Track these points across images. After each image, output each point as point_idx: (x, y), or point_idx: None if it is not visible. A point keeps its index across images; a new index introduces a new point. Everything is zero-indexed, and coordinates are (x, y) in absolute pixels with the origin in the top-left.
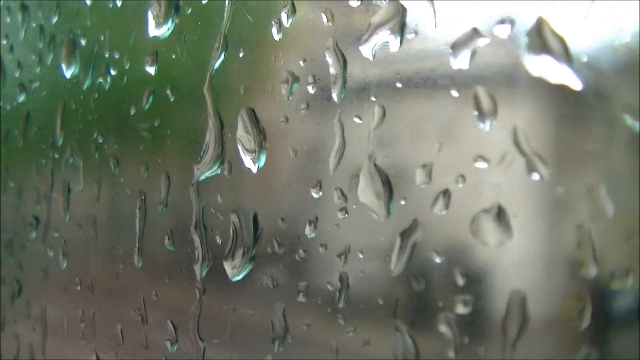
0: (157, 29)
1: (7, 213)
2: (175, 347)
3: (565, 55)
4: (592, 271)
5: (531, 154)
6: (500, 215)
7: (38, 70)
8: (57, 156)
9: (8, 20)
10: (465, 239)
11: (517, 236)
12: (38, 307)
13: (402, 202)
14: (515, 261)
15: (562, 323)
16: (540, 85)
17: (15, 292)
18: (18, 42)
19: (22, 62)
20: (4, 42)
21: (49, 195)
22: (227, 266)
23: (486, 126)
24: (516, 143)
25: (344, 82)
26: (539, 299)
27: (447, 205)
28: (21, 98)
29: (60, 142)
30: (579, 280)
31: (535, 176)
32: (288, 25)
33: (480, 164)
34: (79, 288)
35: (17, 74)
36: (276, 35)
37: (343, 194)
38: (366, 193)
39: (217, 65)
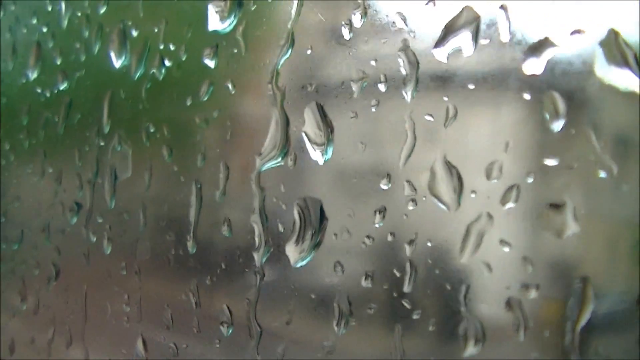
0: (220, 23)
1: (44, 198)
2: (230, 331)
3: (636, 66)
4: None
5: (600, 153)
6: (567, 209)
7: (83, 58)
8: (102, 144)
9: (49, 8)
10: (534, 230)
11: (584, 229)
12: (78, 291)
13: (472, 195)
14: (581, 252)
15: (624, 311)
16: (610, 91)
17: (52, 276)
18: (60, 30)
19: (64, 50)
20: (44, 29)
21: (93, 181)
22: (290, 253)
23: (556, 127)
24: (584, 143)
25: (416, 82)
26: (602, 286)
27: (516, 199)
28: (63, 86)
29: (107, 129)
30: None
31: (603, 174)
32: (359, 26)
33: (550, 161)
34: (124, 273)
35: (58, 62)
36: (347, 35)
37: (412, 186)
38: (436, 186)
39: (282, 61)
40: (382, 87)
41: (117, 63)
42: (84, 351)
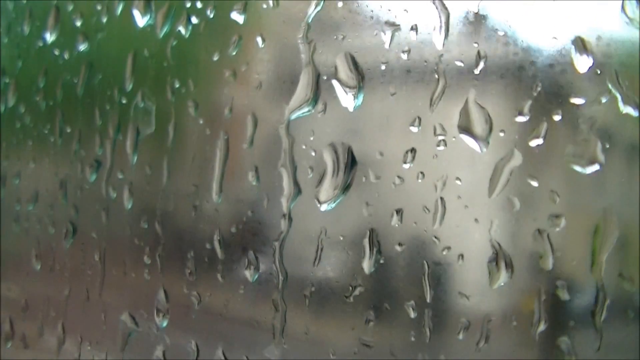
0: None
1: (62, 158)
2: (256, 276)
3: None
4: None
5: (624, 91)
6: (593, 144)
7: (105, 20)
8: (124, 101)
9: None
10: (561, 165)
11: (607, 164)
12: (96, 248)
13: (501, 134)
14: (606, 184)
15: None
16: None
17: (70, 234)
18: None
19: (85, 13)
20: None
21: (114, 138)
22: (319, 196)
23: (583, 69)
24: (608, 82)
25: (447, 31)
26: (626, 216)
27: (544, 137)
28: (83, 47)
29: (129, 87)
30: None
31: (627, 110)
32: None
33: (577, 100)
34: (146, 226)
35: (78, 24)
36: None
37: (443, 128)
38: (466, 126)
39: (313, 14)
40: (412, 36)
41: (141, 22)
42: (101, 306)
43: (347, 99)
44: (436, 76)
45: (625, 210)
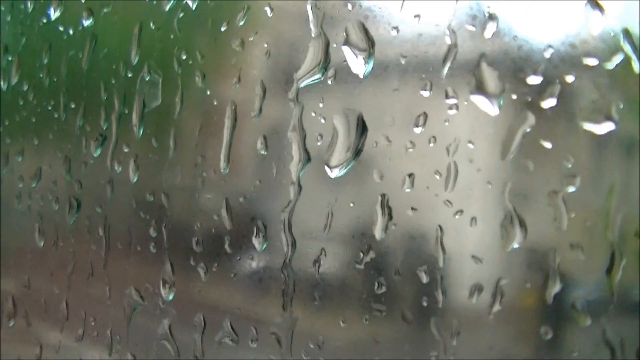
0: None
1: (66, 133)
2: (265, 245)
3: None
4: None
5: (638, 52)
6: (607, 106)
7: None
8: (130, 75)
9: None
10: (575, 127)
11: (622, 124)
12: (100, 222)
13: (513, 97)
14: (619, 145)
15: None
16: None
17: (73, 210)
18: None
19: None
20: None
21: (120, 112)
22: (329, 162)
23: (595, 31)
24: (622, 43)
25: None
26: None
27: (557, 99)
28: (87, 22)
29: (135, 61)
30: None
31: None
32: None
33: (590, 61)
34: (151, 199)
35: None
36: None
37: (454, 92)
38: (478, 90)
39: None
40: (422, 2)
41: None
42: (106, 281)
43: (357, 65)
44: (447, 40)
45: None
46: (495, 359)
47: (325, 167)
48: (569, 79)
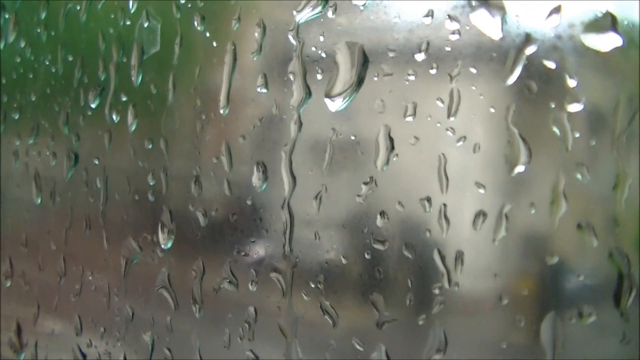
0: None
1: (64, 86)
2: (264, 186)
3: None
4: None
5: None
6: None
7: None
8: (128, 22)
9: None
10: (578, 44)
11: (627, 42)
12: (98, 173)
13: (516, 16)
14: (624, 63)
15: None
16: None
17: (71, 164)
18: None
19: None
20: None
21: (118, 61)
22: (329, 95)
23: None
24: None
25: None
26: None
27: (559, 17)
28: None
29: (133, 8)
30: None
31: None
32: None
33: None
34: (150, 146)
35: None
36: None
37: (456, 17)
38: (480, 15)
39: None
40: None
41: None
42: (104, 233)
43: None
44: None
45: None
46: (500, 286)
47: (326, 99)
48: None
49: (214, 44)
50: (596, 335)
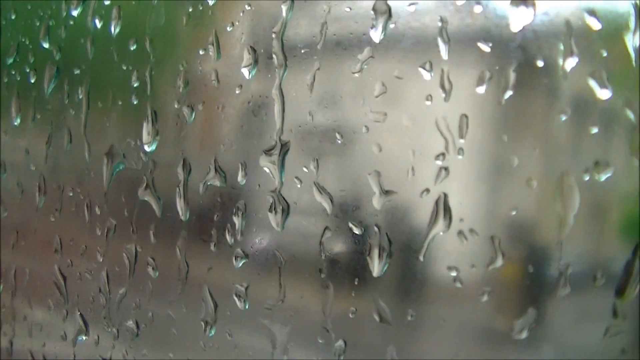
0: None
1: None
2: (254, 72)
3: None
4: None
5: None
6: None
7: None
8: None
9: None
10: None
11: None
12: (80, 83)
13: None
14: None
15: None
16: None
17: (52, 77)
18: None
19: None
20: None
21: None
22: None
23: None
24: None
25: None
26: None
27: None
28: None
29: None
30: None
31: None
32: None
33: None
34: (134, 47)
35: None
36: None
37: None
38: None
39: None
40: None
41: None
42: (85, 146)
43: None
44: None
45: None
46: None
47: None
48: None
49: None
50: None
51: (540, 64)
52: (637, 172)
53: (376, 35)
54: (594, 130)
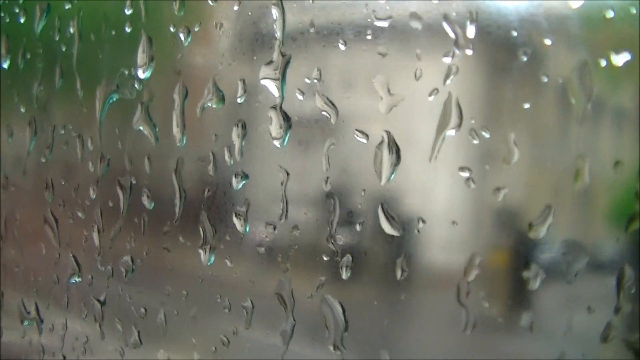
0: None
1: None
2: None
3: None
4: None
5: None
6: None
7: None
8: None
9: None
10: None
11: None
12: (71, 17)
13: None
14: None
15: None
16: None
17: (43, 14)
18: None
19: None
20: None
21: None
22: None
23: None
24: None
25: None
26: None
27: None
28: None
29: None
30: None
31: None
32: None
33: None
34: None
35: None
36: None
37: None
38: None
39: None
40: None
41: None
42: (77, 81)
43: None
44: None
45: None
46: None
47: None
48: None
49: None
50: None
51: None
52: None
53: None
54: None
